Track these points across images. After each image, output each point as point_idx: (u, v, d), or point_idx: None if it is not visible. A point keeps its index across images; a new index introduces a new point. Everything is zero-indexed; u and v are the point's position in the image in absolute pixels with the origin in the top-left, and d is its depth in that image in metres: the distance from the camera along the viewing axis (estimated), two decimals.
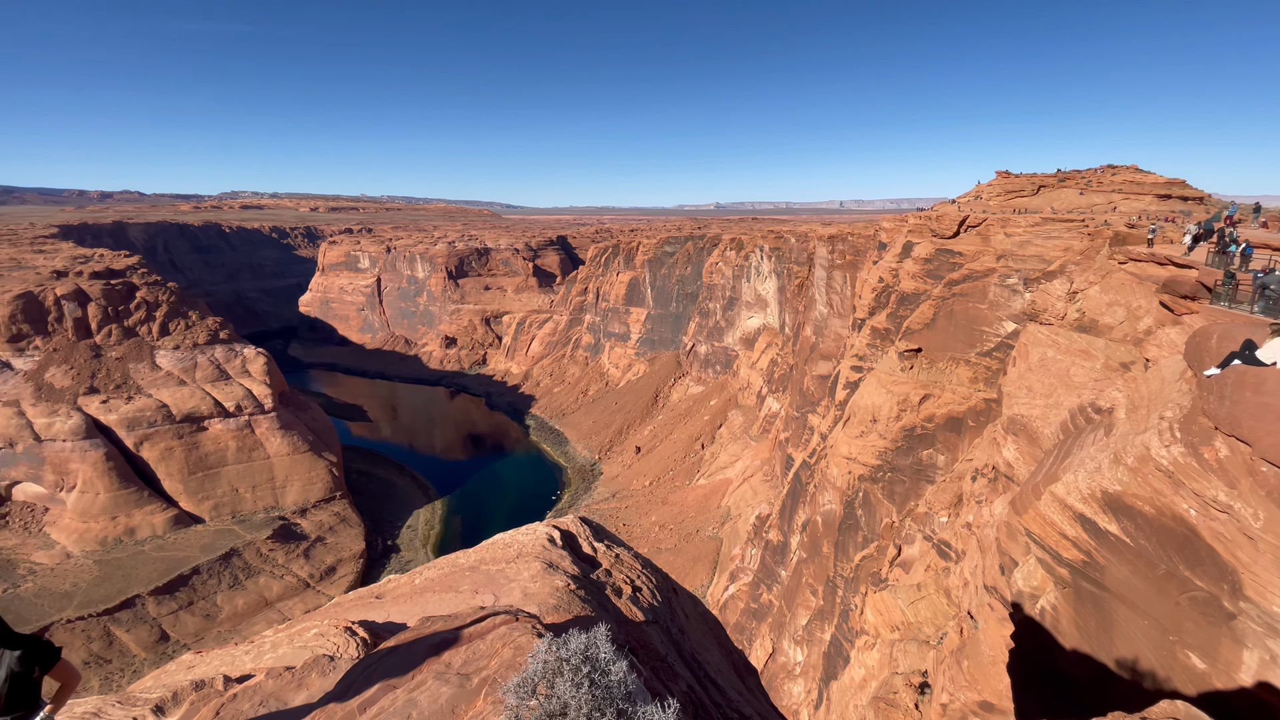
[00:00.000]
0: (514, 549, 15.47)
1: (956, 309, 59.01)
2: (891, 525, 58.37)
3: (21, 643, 6.78)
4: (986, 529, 29.79)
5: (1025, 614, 16.29)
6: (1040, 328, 33.73)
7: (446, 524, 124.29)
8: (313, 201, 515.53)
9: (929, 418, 57.94)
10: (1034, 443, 28.64)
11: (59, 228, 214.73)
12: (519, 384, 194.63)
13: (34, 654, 6.79)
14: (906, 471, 59.01)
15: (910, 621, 43.97)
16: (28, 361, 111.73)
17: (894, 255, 70.52)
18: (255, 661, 10.50)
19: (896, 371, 62.46)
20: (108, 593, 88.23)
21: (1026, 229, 56.95)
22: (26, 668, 6.73)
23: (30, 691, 6.88)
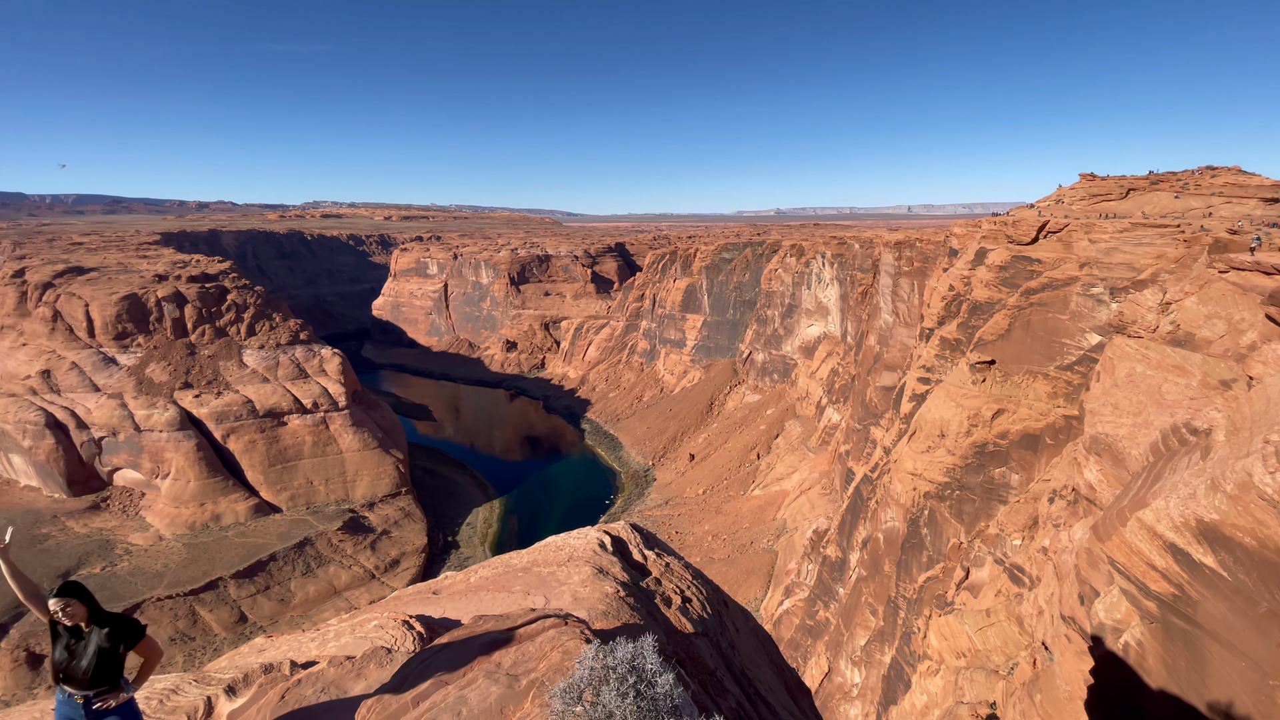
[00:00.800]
0: (565, 552, 15.64)
1: (1034, 319, 55.73)
2: (959, 546, 55.52)
3: (110, 620, 7.35)
4: (1065, 555, 27.87)
5: (1106, 648, 15.09)
6: (1128, 341, 31.39)
7: (504, 523, 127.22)
8: (387, 210, 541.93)
9: (1002, 434, 54.86)
10: (1119, 464, 26.62)
11: (161, 235, 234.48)
12: (575, 388, 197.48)
13: (120, 631, 7.34)
14: (976, 490, 56.04)
15: (978, 649, 41.62)
16: (131, 357, 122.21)
17: (966, 262, 67.37)
18: (320, 649, 11.04)
19: (967, 384, 59.52)
20: (194, 574, 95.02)
21: (1114, 235, 53.20)
22: (113, 644, 7.28)
23: (115, 667, 7.43)
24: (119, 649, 7.27)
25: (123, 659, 7.42)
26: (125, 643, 7.32)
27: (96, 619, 7.16)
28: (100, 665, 7.18)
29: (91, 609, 7.14)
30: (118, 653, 7.28)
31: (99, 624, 7.15)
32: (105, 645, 7.17)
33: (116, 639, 7.23)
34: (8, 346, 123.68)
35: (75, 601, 6.98)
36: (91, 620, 7.13)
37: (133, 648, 7.43)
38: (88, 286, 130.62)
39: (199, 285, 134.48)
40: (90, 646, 7.14)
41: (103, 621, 7.18)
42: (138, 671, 7.77)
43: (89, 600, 7.13)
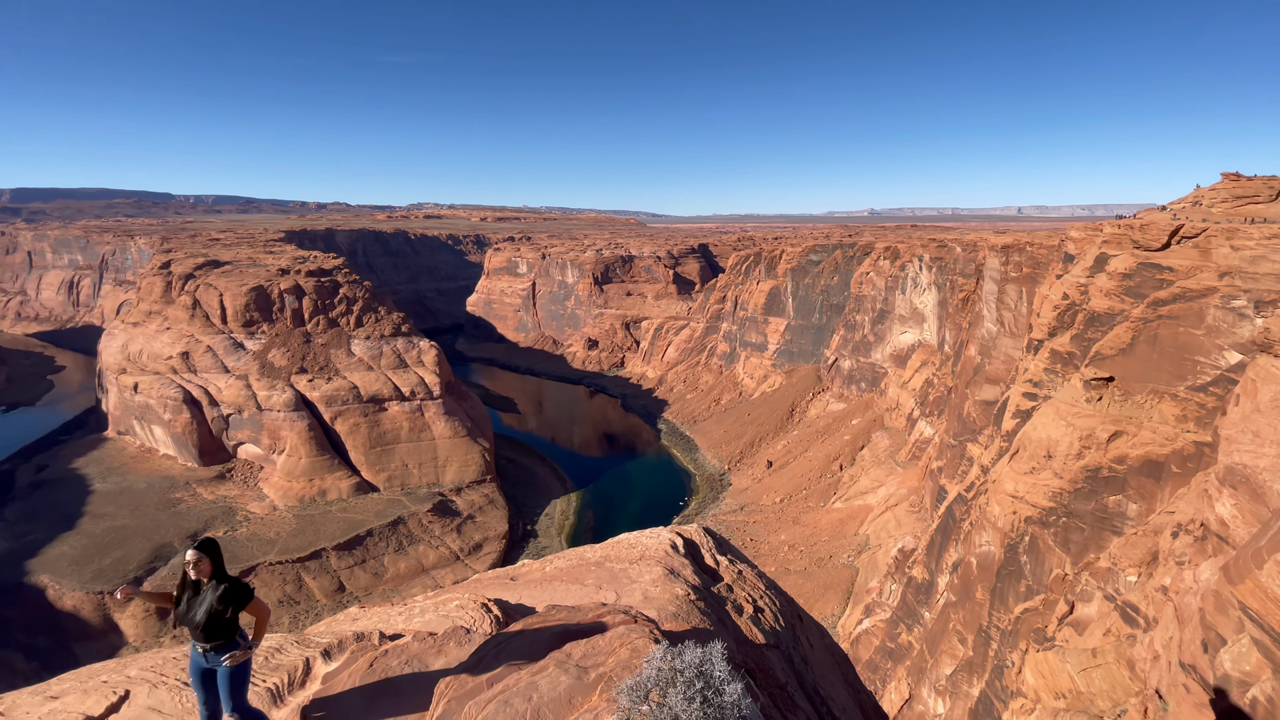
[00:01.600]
0: (637, 550, 15.79)
1: (1162, 334, 50.21)
2: (1063, 578, 50.99)
3: (225, 581, 8.19)
4: (1188, 597, 24.94)
5: (1231, 702, 13.37)
6: (1275, 361, 27.63)
7: (580, 516, 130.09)
8: (483, 212, 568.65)
9: (1119, 458, 49.84)
10: (1258, 499, 23.50)
11: (285, 233, 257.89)
12: (653, 388, 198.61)
13: (231, 594, 8.14)
14: (1086, 518, 51.25)
15: (1080, 691, 38.07)
16: (256, 343, 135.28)
17: (1083, 269, 61.73)
18: (406, 623, 11.80)
19: (1080, 402, 54.56)
20: (301, 544, 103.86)
21: (1261, 241, 46.96)
22: (223, 605, 8.09)
23: (225, 625, 8.25)
24: (227, 610, 8.06)
25: (232, 619, 8.20)
26: (234, 605, 8.10)
27: (217, 577, 8.01)
28: (210, 621, 8.01)
29: (215, 567, 8.00)
30: (226, 613, 8.07)
31: (217, 582, 7.99)
32: (216, 605, 7.99)
33: (226, 600, 8.03)
34: (154, 329, 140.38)
35: (205, 559, 7.84)
36: (213, 578, 7.99)
37: (240, 610, 8.21)
38: (222, 278, 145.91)
39: (315, 279, 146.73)
40: (205, 603, 7.99)
41: (220, 581, 8.02)
42: (253, 631, 8.59)
43: (216, 559, 7.99)
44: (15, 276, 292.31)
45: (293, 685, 9.52)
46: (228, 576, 8.10)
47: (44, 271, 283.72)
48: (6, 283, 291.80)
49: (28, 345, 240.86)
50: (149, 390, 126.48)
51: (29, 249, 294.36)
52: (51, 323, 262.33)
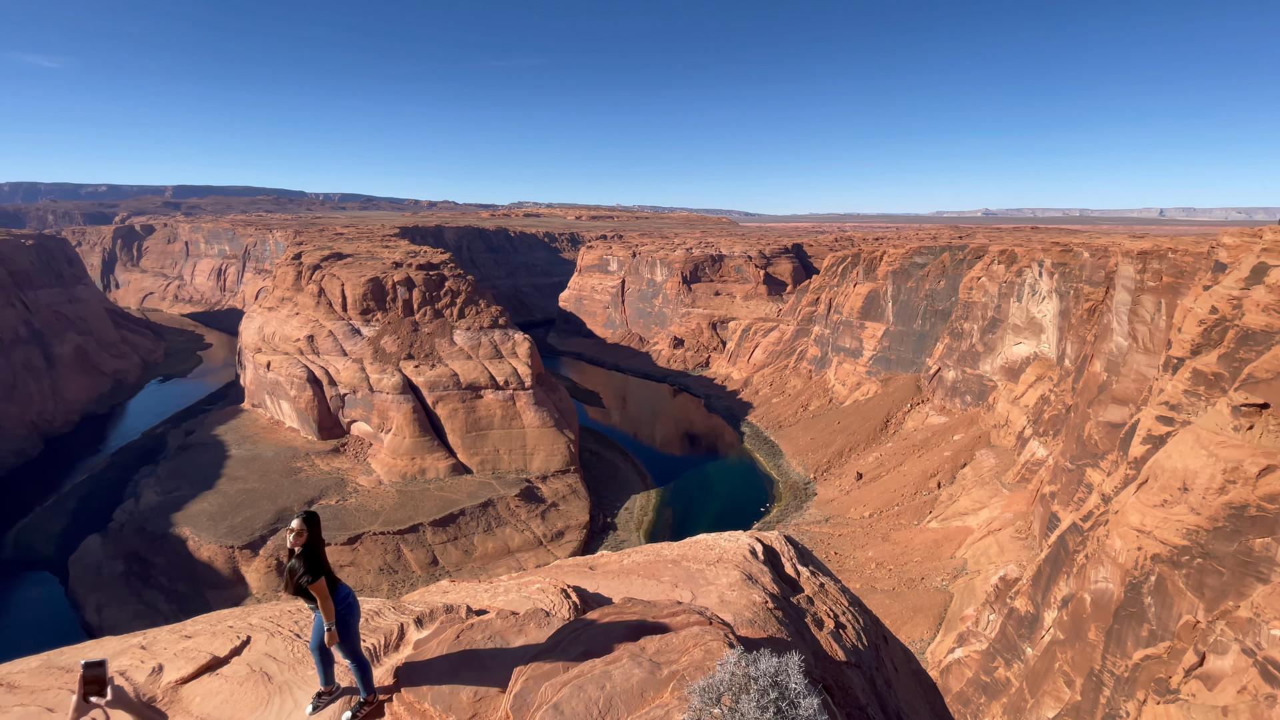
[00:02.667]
0: (715, 552, 15.65)
1: None
2: (1194, 625, 45.23)
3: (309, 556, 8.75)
4: None
5: None
6: None
7: (659, 513, 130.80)
8: (578, 210, 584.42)
9: (1271, 496, 43.49)
10: None
11: (399, 229, 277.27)
12: (738, 390, 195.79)
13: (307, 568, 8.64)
14: (1226, 561, 45.16)
15: None
16: (370, 330, 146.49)
17: (1237, 280, 54.32)
18: (491, 600, 12.38)
19: (1226, 430, 48.12)
20: (401, 517, 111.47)
21: None
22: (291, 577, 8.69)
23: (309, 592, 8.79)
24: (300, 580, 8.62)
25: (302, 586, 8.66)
26: (306, 579, 8.63)
27: (305, 549, 8.58)
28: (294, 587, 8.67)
29: (309, 540, 8.59)
30: (290, 585, 8.62)
31: (306, 554, 8.57)
32: (287, 577, 8.64)
33: (294, 573, 8.58)
34: (285, 314, 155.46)
35: (303, 530, 8.45)
36: (304, 548, 8.61)
37: (312, 585, 8.64)
38: (344, 269, 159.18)
39: (424, 273, 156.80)
40: (288, 570, 8.71)
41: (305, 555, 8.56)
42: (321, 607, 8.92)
43: (314, 532, 8.61)
44: (174, 263, 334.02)
45: (388, 647, 10.28)
46: (312, 551, 8.58)
47: (198, 260, 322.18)
48: (167, 269, 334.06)
49: (182, 324, 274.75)
50: (279, 368, 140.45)
51: (186, 239, 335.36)
52: (202, 305, 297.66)
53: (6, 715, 10.17)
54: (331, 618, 8.51)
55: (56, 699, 10.48)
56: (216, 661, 10.25)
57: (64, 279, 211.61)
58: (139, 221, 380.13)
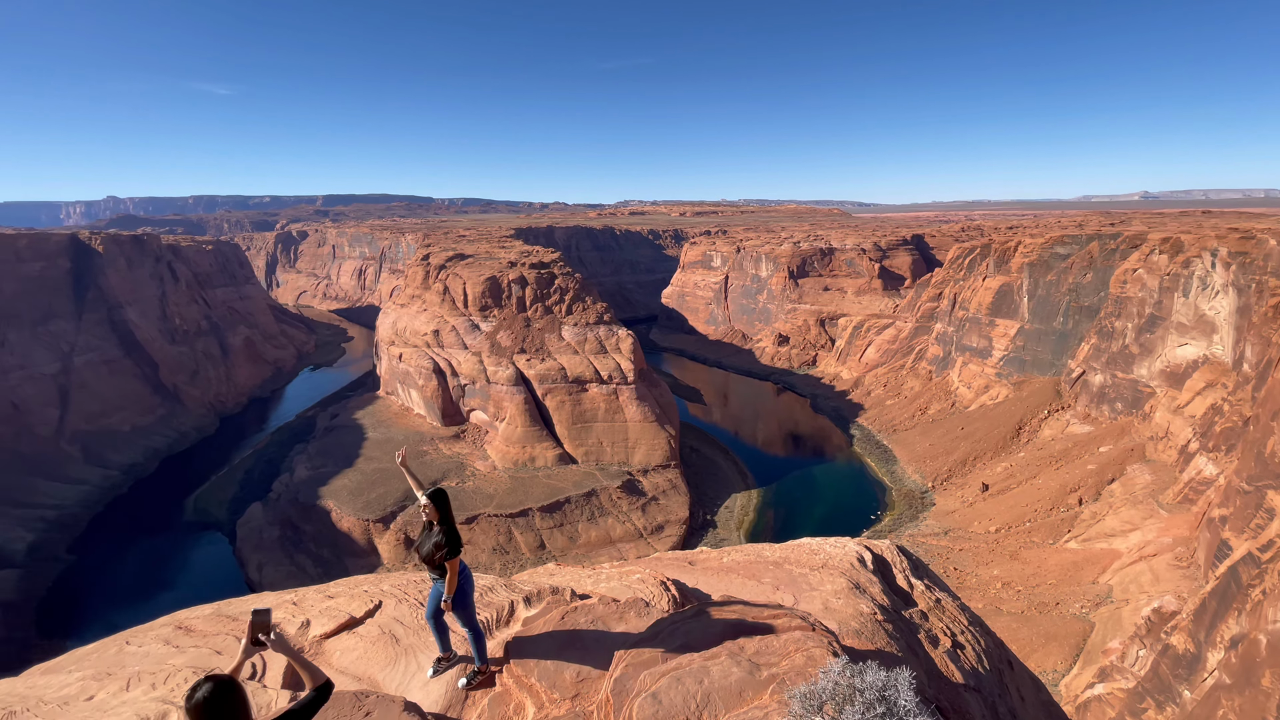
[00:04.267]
0: (820, 557, 15.08)
1: None
2: None
3: (447, 530, 9.51)
4: None
5: None
6: None
7: (760, 514, 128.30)
8: (682, 207, 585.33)
9: None
10: None
11: (514, 230, 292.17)
12: (848, 390, 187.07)
13: (446, 542, 9.39)
14: None
15: None
16: (488, 325, 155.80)
17: None
18: (593, 586, 12.78)
19: None
20: (512, 501, 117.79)
21: None
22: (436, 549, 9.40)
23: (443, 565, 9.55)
24: (438, 553, 9.34)
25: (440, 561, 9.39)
26: (445, 554, 9.34)
27: (443, 522, 9.41)
28: (429, 559, 9.43)
29: (442, 513, 9.40)
30: (435, 556, 9.35)
31: (442, 528, 9.36)
32: (431, 549, 9.37)
33: (439, 547, 9.31)
34: (415, 310, 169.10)
35: (432, 505, 9.27)
36: (439, 522, 9.41)
37: (448, 560, 9.35)
38: (465, 269, 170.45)
39: (536, 271, 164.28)
40: (429, 542, 9.46)
41: (444, 527, 9.38)
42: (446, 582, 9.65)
43: (443, 506, 9.42)
44: (323, 265, 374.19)
45: (500, 622, 10.93)
46: (451, 526, 9.41)
47: (342, 261, 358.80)
48: (318, 269, 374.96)
49: (329, 319, 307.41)
50: (409, 360, 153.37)
51: (333, 243, 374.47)
52: (346, 301, 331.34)
53: (184, 655, 11.97)
54: (452, 590, 9.24)
55: (224, 643, 12.19)
56: (353, 621, 11.43)
57: (236, 279, 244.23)
58: (295, 228, 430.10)
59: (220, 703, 4.95)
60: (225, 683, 5.13)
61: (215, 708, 4.94)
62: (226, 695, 5.01)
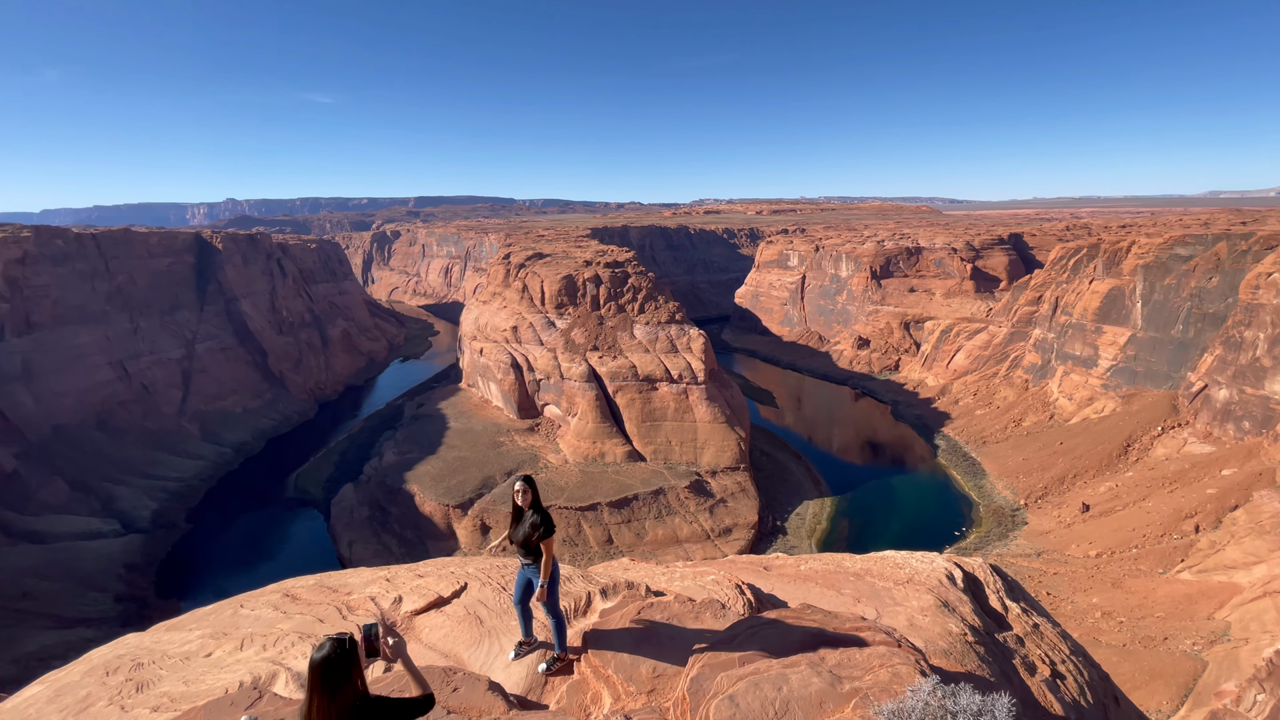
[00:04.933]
0: (905, 572, 14.38)
1: None
2: None
3: (540, 513, 9.88)
4: None
5: None
6: None
7: (833, 523, 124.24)
8: (758, 205, 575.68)
9: None
10: None
11: (590, 230, 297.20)
12: (933, 398, 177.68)
13: (541, 524, 9.77)
14: None
15: None
16: (563, 322, 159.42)
17: None
18: (667, 584, 12.80)
19: None
20: (582, 495, 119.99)
21: None
22: (533, 530, 9.76)
23: (537, 549, 9.91)
24: (534, 536, 9.72)
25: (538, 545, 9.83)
26: (541, 534, 9.75)
27: (535, 507, 9.76)
28: (526, 541, 9.79)
29: (534, 499, 9.77)
30: (534, 537, 9.74)
31: (535, 511, 9.74)
32: (529, 531, 9.73)
33: (536, 528, 9.71)
34: (495, 307, 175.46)
35: (527, 490, 9.66)
36: (531, 507, 9.77)
37: (544, 540, 9.80)
38: (543, 268, 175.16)
39: (610, 270, 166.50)
40: (525, 526, 9.81)
41: (537, 512, 9.77)
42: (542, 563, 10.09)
43: (535, 492, 9.78)
44: (414, 263, 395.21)
45: (577, 612, 11.18)
46: (543, 510, 9.83)
47: (431, 259, 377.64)
48: (408, 267, 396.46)
49: (418, 314, 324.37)
50: (489, 354, 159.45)
51: (423, 242, 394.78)
52: (433, 298, 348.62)
53: (290, 620, 12.98)
54: (548, 574, 9.58)
55: (325, 612, 13.13)
56: (441, 600, 12.03)
57: (336, 275, 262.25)
58: (389, 228, 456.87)
59: (338, 662, 5.47)
60: (344, 644, 5.65)
61: (333, 666, 5.46)
62: (344, 656, 5.55)
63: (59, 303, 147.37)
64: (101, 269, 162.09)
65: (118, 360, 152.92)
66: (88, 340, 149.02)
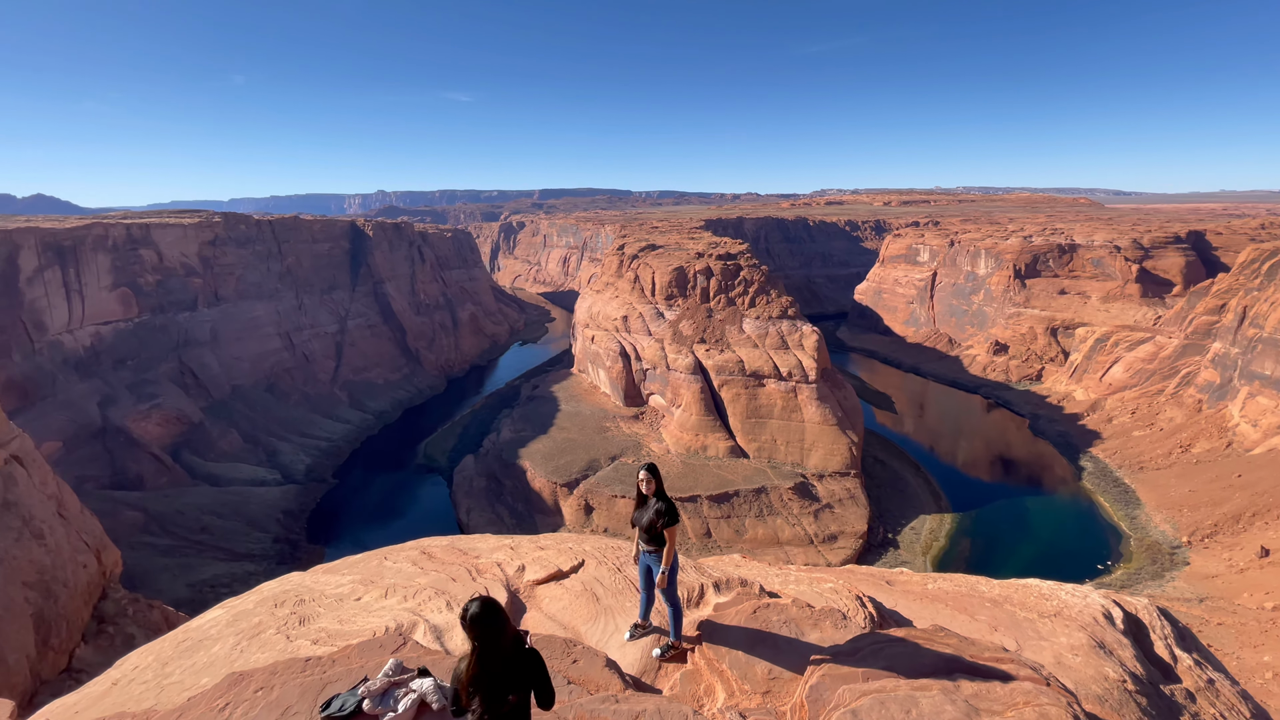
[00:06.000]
0: (1052, 604, 12.97)
1: None
2: None
3: (664, 500, 9.99)
4: None
5: None
6: None
7: (952, 541, 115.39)
8: (886, 196, 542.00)
9: None
10: None
11: (704, 221, 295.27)
12: (1081, 414, 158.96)
13: (664, 512, 9.89)
14: None
15: None
16: (672, 314, 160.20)
17: None
18: (781, 586, 12.48)
19: None
20: (683, 486, 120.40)
21: None
22: (659, 518, 9.88)
23: (659, 535, 10.05)
24: (658, 523, 9.88)
25: (661, 533, 10.00)
26: (665, 521, 9.88)
27: (659, 495, 9.91)
28: (650, 528, 9.95)
29: (658, 487, 9.92)
30: (658, 524, 9.90)
31: (659, 499, 9.89)
32: (653, 518, 9.87)
33: (660, 515, 9.84)
34: (608, 297, 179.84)
35: (652, 479, 9.82)
36: (656, 494, 9.92)
37: (667, 528, 9.95)
38: (655, 259, 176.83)
39: (722, 262, 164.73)
40: (649, 512, 9.98)
41: (660, 499, 9.90)
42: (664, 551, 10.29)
43: (659, 479, 9.92)
44: (535, 252, 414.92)
45: (691, 602, 11.21)
46: (667, 498, 9.96)
47: (551, 249, 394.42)
48: (530, 256, 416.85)
49: (537, 301, 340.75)
50: (600, 342, 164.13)
51: (544, 233, 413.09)
52: (551, 286, 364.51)
53: (426, 576, 14.15)
54: (669, 561, 9.73)
55: (456, 572, 14.16)
56: (560, 574, 12.59)
57: (467, 262, 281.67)
58: (515, 219, 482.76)
59: (488, 617, 6.31)
60: (490, 602, 6.51)
61: (485, 620, 6.27)
62: (492, 612, 6.43)
63: (241, 279, 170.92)
64: (275, 251, 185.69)
65: (285, 332, 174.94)
66: (262, 313, 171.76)
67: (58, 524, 35.61)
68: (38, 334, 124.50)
